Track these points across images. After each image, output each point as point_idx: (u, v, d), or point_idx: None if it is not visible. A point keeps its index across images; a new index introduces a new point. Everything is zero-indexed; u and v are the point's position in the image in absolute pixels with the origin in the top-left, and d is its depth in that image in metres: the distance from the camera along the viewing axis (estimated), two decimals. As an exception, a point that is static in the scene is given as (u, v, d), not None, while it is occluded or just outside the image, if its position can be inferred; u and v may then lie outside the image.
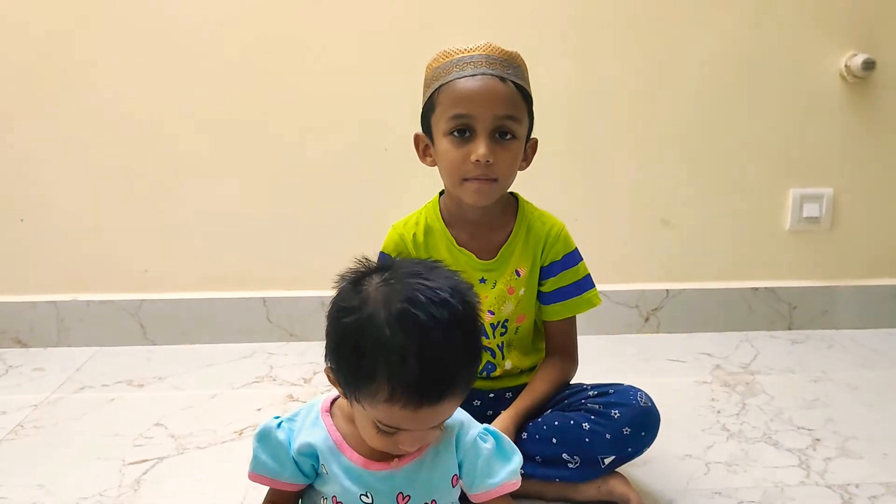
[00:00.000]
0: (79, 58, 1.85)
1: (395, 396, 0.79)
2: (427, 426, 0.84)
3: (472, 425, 0.96)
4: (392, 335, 0.79)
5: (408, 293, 0.80)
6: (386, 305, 0.80)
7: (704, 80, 1.94)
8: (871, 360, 1.86)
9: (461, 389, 0.84)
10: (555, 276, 1.27)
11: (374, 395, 0.80)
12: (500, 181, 1.18)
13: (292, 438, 0.95)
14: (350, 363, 0.82)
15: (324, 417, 0.95)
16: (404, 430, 0.83)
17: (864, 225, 2.04)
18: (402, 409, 0.80)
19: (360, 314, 0.81)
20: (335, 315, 0.85)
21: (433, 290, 0.81)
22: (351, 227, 1.94)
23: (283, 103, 1.89)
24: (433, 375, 0.79)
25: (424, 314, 0.79)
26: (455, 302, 0.81)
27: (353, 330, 0.81)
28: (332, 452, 0.93)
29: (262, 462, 0.95)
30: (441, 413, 0.83)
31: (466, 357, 0.83)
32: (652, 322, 2.04)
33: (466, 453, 0.94)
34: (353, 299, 0.83)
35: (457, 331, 0.81)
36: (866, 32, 1.92)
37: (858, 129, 1.98)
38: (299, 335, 1.99)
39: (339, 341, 0.84)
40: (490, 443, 0.95)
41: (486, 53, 1.16)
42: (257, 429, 0.96)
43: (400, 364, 0.78)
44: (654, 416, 1.20)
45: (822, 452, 1.40)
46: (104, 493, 1.27)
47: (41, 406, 1.61)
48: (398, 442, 0.85)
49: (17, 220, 1.92)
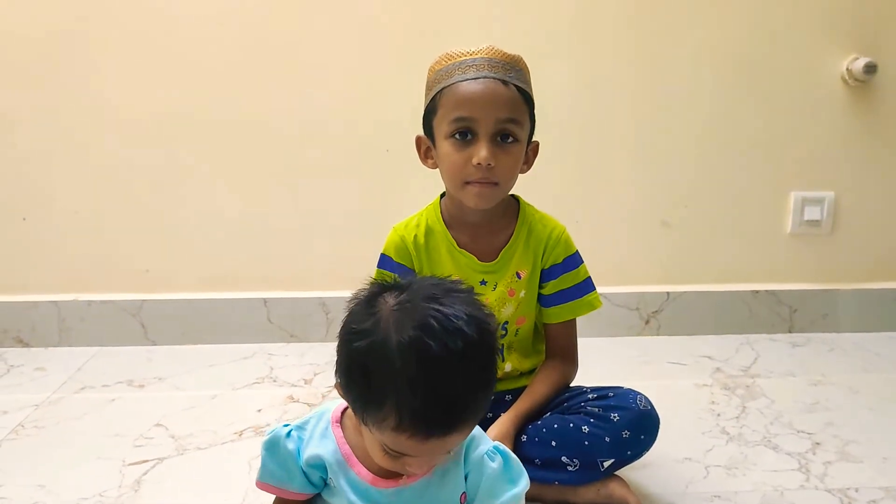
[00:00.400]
0: (80, 58, 1.85)
1: (402, 426, 0.77)
2: (434, 455, 0.83)
3: (482, 441, 0.94)
4: (402, 365, 0.76)
5: (421, 319, 0.77)
6: (398, 331, 0.77)
7: (706, 82, 1.94)
8: (871, 363, 1.85)
9: (472, 420, 0.82)
10: (555, 278, 1.28)
11: (381, 421, 0.78)
12: (502, 185, 1.18)
13: (301, 448, 0.94)
14: (359, 387, 0.80)
15: (334, 429, 0.93)
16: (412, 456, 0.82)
17: (866, 228, 2.04)
18: (409, 439, 0.78)
19: (371, 338, 0.78)
20: (347, 337, 0.82)
21: (448, 317, 0.77)
22: (352, 228, 1.95)
23: (285, 104, 1.90)
24: (443, 408, 0.77)
25: (437, 344, 0.76)
26: (470, 331, 0.78)
27: (363, 354, 0.79)
28: (340, 466, 0.91)
29: (271, 471, 0.94)
30: (450, 443, 0.81)
31: (479, 389, 0.80)
32: (652, 324, 2.04)
33: (472, 468, 0.92)
34: (366, 321, 0.80)
35: (470, 362, 0.78)
36: (868, 36, 1.92)
37: (860, 133, 1.98)
38: (300, 336, 1.99)
39: (349, 363, 0.82)
40: (497, 462, 0.92)
41: (489, 56, 1.17)
42: (266, 436, 0.95)
43: (409, 395, 0.76)
44: (653, 420, 1.20)
45: (822, 456, 1.40)
46: (104, 494, 1.28)
47: (42, 406, 1.62)
48: (406, 464, 0.83)
49: (19, 219, 1.92)
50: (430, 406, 0.76)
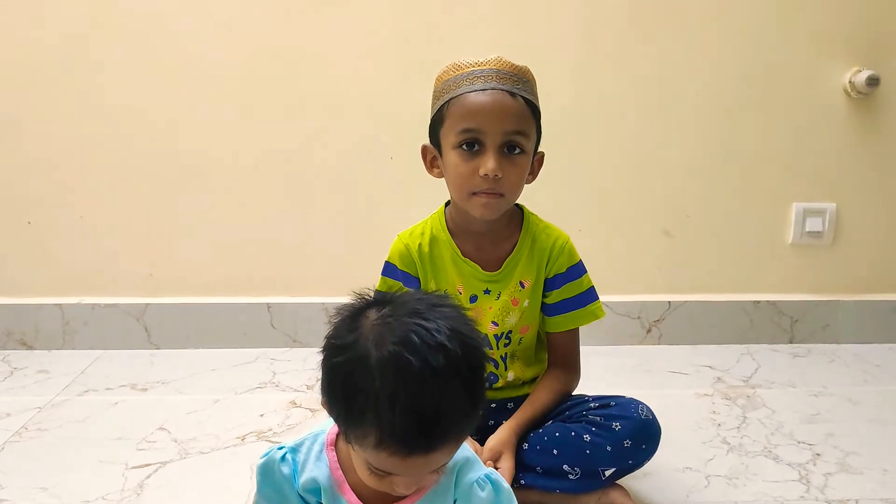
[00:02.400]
0: (87, 62, 1.86)
1: (382, 444, 0.75)
2: (419, 473, 0.80)
3: (473, 467, 0.90)
4: (382, 381, 0.74)
5: (402, 334, 0.75)
6: (378, 347, 0.75)
7: (709, 94, 1.95)
8: (872, 374, 1.86)
9: (456, 438, 0.79)
10: (559, 287, 1.28)
11: (363, 438, 0.76)
12: (508, 196, 1.19)
13: (297, 472, 0.91)
14: (340, 403, 0.79)
15: (328, 452, 0.91)
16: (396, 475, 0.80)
17: (867, 240, 2.05)
18: (390, 457, 0.76)
19: (351, 354, 0.77)
20: (328, 352, 0.80)
21: (430, 331, 0.75)
22: (356, 235, 1.95)
23: (290, 111, 1.90)
24: (423, 425, 0.74)
25: (417, 359, 0.73)
26: (452, 346, 0.75)
27: (343, 371, 0.77)
28: (332, 492, 0.90)
29: (267, 496, 0.92)
30: (434, 461, 0.79)
31: (461, 406, 0.77)
32: (654, 334, 2.04)
33: (460, 495, 0.89)
34: (347, 336, 0.78)
35: (453, 378, 0.75)
36: (871, 49, 1.93)
37: (862, 145, 1.99)
38: (302, 341, 1.99)
39: (329, 380, 0.80)
40: (487, 491, 0.89)
41: (497, 68, 1.17)
42: (260, 460, 0.92)
43: (388, 412, 0.73)
44: (654, 429, 1.20)
45: (823, 467, 1.40)
46: (107, 497, 1.28)
47: (45, 409, 1.62)
48: (393, 483, 0.81)
49: (24, 222, 1.93)
50: (410, 423, 0.74)
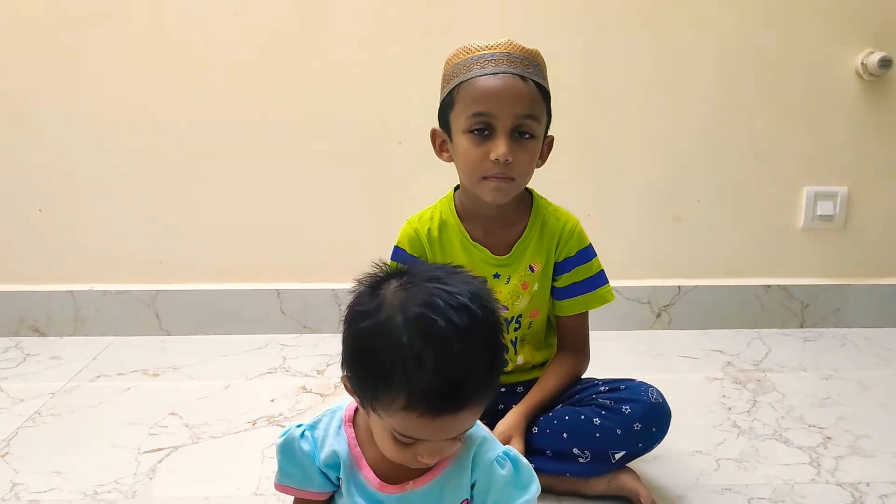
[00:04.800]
0: (97, 51, 1.86)
1: (412, 405, 0.76)
2: (446, 437, 0.80)
3: (491, 445, 0.92)
4: (409, 341, 0.75)
5: (425, 298, 0.77)
6: (403, 310, 0.77)
7: (719, 77, 1.94)
8: (883, 358, 1.85)
9: (482, 398, 0.80)
10: (568, 271, 1.28)
11: (390, 402, 0.77)
12: (518, 180, 1.19)
13: (317, 448, 0.92)
14: (366, 369, 0.79)
15: (346, 429, 0.92)
16: (422, 440, 0.80)
17: (879, 223, 2.04)
18: (419, 418, 0.76)
19: (376, 318, 0.78)
20: (351, 319, 0.81)
21: (452, 294, 0.77)
22: (365, 220, 1.95)
23: (298, 98, 1.90)
24: (452, 383, 0.76)
25: (443, 319, 0.75)
26: (475, 307, 0.78)
27: (369, 335, 0.78)
28: (351, 466, 0.90)
29: (289, 473, 0.93)
30: (460, 423, 0.80)
31: (486, 364, 0.79)
32: (664, 318, 2.04)
33: (481, 474, 0.90)
34: (370, 303, 0.80)
35: (476, 336, 0.77)
36: (883, 30, 1.91)
37: (874, 128, 1.97)
38: (312, 327, 2.00)
39: (354, 347, 0.81)
40: (508, 469, 0.90)
41: (508, 51, 1.16)
42: (279, 438, 0.93)
43: (417, 371, 0.75)
44: (664, 412, 1.20)
45: (833, 451, 1.40)
46: (119, 481, 1.29)
47: (58, 394, 1.63)
48: (416, 454, 0.81)
49: (35, 210, 1.94)
50: (439, 381, 0.75)
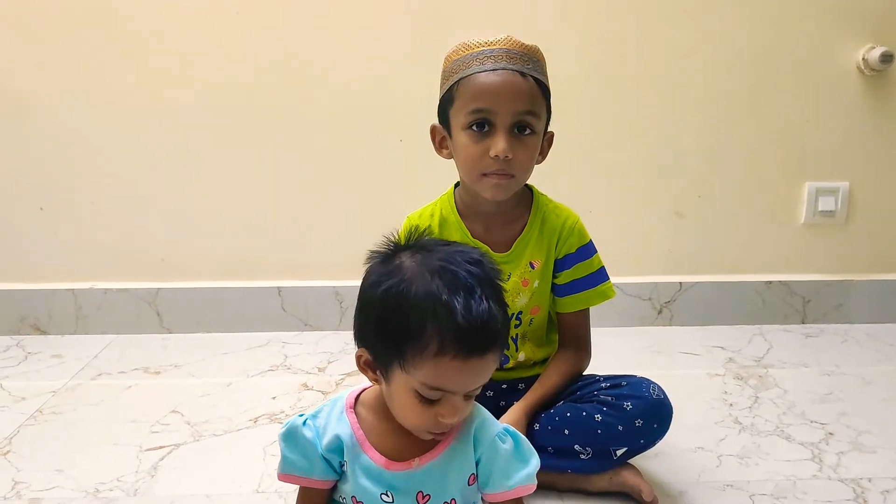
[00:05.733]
0: (98, 49, 1.86)
1: (444, 349, 0.81)
2: (470, 386, 0.86)
3: (491, 423, 0.95)
4: (437, 290, 0.82)
5: (443, 256, 0.86)
6: (425, 267, 0.84)
7: (720, 72, 1.93)
8: (885, 354, 1.85)
9: (500, 346, 0.86)
10: (569, 268, 1.28)
11: (422, 352, 0.82)
12: (518, 176, 1.19)
13: (319, 436, 0.94)
14: (395, 325, 0.83)
15: (348, 414, 0.94)
16: (449, 392, 0.84)
17: (880, 219, 2.03)
18: (452, 361, 0.81)
19: (399, 278, 0.84)
20: (374, 284, 0.86)
21: (465, 252, 0.87)
22: (365, 217, 1.95)
23: (298, 94, 1.90)
24: (481, 324, 0.82)
25: (463, 270, 0.84)
26: (486, 263, 0.87)
27: (396, 292, 0.83)
28: (354, 450, 0.92)
29: (292, 462, 0.93)
30: (485, 369, 0.85)
31: (502, 313, 0.86)
32: (665, 315, 2.04)
33: (484, 451, 0.93)
34: (389, 267, 0.86)
35: (493, 287, 0.86)
36: (884, 25, 1.91)
37: (875, 123, 1.97)
38: (314, 325, 2.00)
39: (382, 308, 0.85)
40: (509, 444, 0.93)
41: (507, 47, 1.16)
42: (282, 428, 0.94)
43: (448, 315, 0.81)
44: (666, 409, 1.20)
45: (835, 446, 1.40)
46: (121, 479, 1.30)
47: (59, 392, 1.64)
48: (438, 413, 0.85)
49: (36, 208, 1.94)
50: (470, 322, 0.81)
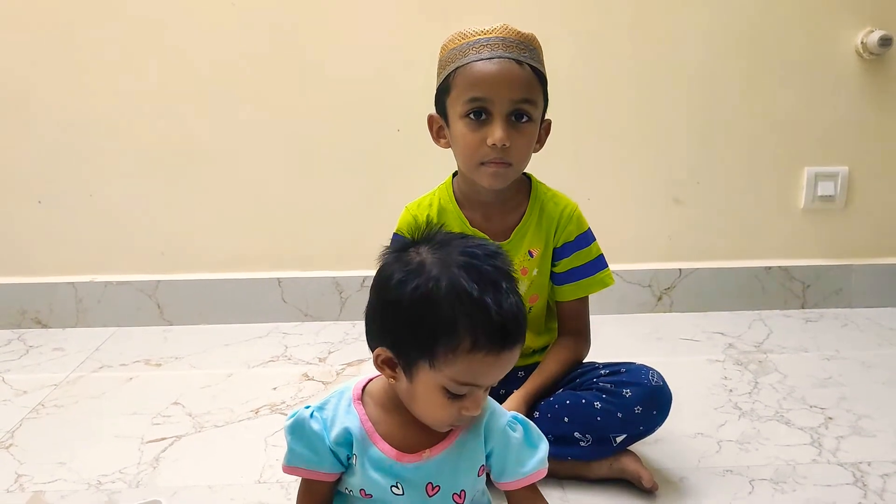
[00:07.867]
0: (97, 43, 1.86)
1: (478, 345, 0.81)
2: (499, 377, 0.86)
3: (500, 413, 0.96)
4: (468, 286, 0.81)
5: (463, 250, 0.84)
6: (449, 264, 0.83)
7: (718, 57, 1.93)
8: (885, 338, 1.85)
9: (524, 338, 0.87)
10: (568, 256, 1.28)
11: (454, 350, 0.81)
12: (516, 165, 1.19)
13: (327, 428, 0.93)
14: (426, 324, 0.82)
15: (356, 406, 0.93)
16: (477, 386, 0.85)
17: (880, 203, 2.03)
18: (485, 357, 0.81)
19: (423, 278, 0.82)
20: (400, 283, 0.84)
21: (483, 246, 0.86)
22: (364, 208, 1.95)
23: (297, 85, 1.90)
24: (512, 317, 0.82)
25: (486, 265, 0.83)
26: (503, 255, 0.87)
27: (421, 293, 0.82)
28: (364, 442, 0.91)
29: (299, 454, 0.92)
30: (512, 361, 0.86)
31: (523, 305, 0.86)
32: (664, 301, 2.04)
33: (497, 442, 0.93)
34: (409, 267, 0.84)
35: (512, 280, 0.85)
36: (883, 8, 1.90)
37: (874, 107, 1.96)
38: (314, 315, 2.00)
39: (409, 308, 0.83)
40: (519, 431, 0.94)
41: (503, 36, 1.16)
42: (288, 420, 0.93)
43: (480, 311, 0.80)
44: (665, 395, 1.21)
45: (835, 431, 1.40)
46: (124, 471, 1.30)
47: (61, 385, 1.64)
48: (463, 407, 0.85)
49: (34, 202, 1.94)
50: (502, 317, 0.81)
